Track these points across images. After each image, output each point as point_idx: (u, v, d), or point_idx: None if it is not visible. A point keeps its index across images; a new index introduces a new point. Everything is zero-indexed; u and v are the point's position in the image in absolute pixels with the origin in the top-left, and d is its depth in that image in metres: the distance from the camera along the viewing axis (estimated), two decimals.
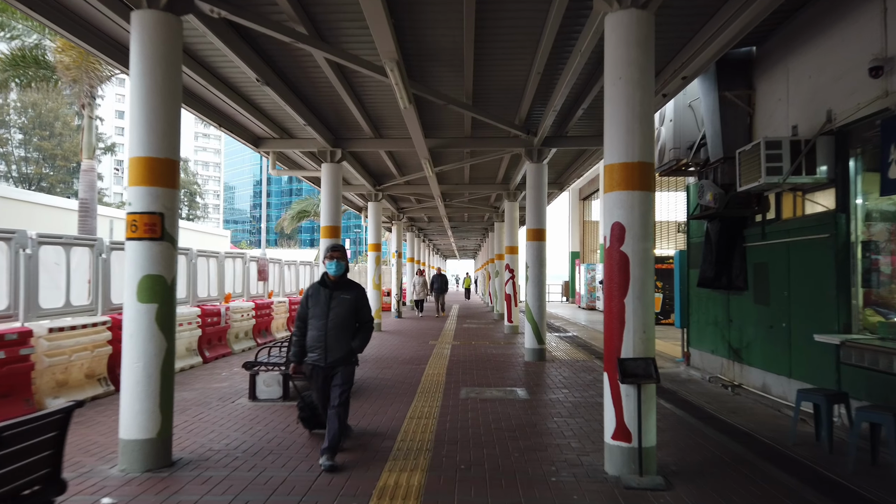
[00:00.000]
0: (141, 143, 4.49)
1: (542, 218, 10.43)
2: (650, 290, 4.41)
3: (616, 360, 4.35)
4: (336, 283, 4.57)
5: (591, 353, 11.62)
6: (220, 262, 11.04)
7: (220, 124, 9.18)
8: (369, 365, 9.58)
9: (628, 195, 4.40)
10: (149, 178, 4.49)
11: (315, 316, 4.52)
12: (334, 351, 4.49)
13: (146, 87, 4.52)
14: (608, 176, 4.54)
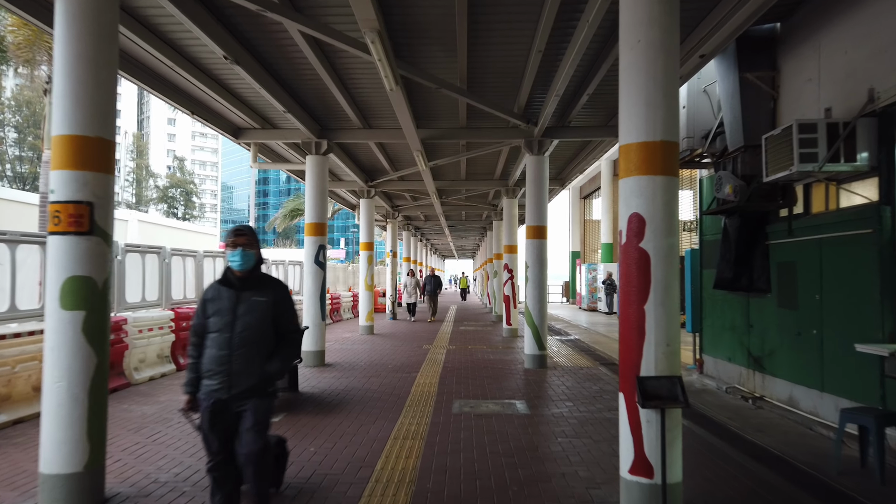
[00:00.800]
0: (66, 118, 3.76)
1: (543, 214, 9.71)
2: (675, 295, 3.68)
3: (634, 379, 3.62)
4: (245, 280, 3.20)
5: (596, 358, 10.88)
6: (198, 261, 10.30)
7: (192, 112, 8.44)
8: (356, 373, 8.85)
9: (649, 181, 3.68)
10: (75, 160, 3.75)
11: (215, 328, 3.14)
12: (242, 377, 3.09)
13: (73, 52, 3.78)
14: (624, 159, 3.81)
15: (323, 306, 9.67)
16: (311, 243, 9.64)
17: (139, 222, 14.53)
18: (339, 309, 19.41)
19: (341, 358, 10.52)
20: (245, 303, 3.15)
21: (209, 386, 3.12)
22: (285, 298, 3.30)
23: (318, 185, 9.71)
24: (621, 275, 3.84)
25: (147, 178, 75.33)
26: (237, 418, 3.13)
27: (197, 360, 3.20)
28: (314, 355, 9.56)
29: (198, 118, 8.67)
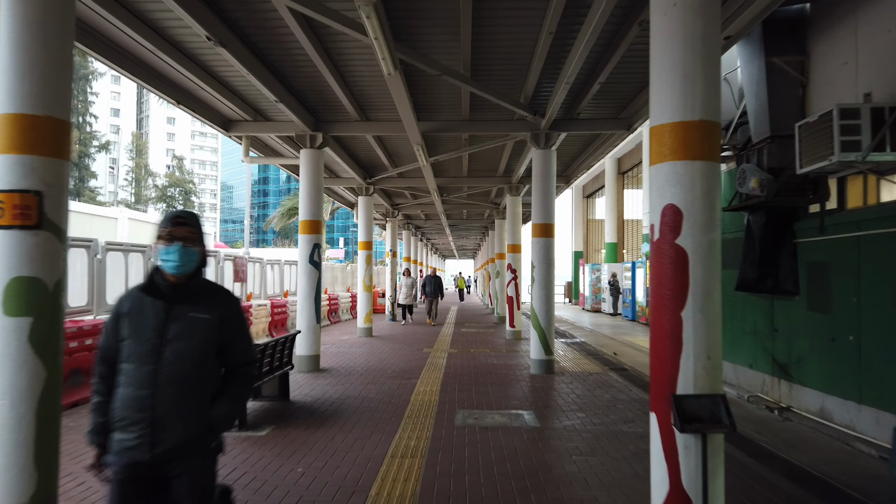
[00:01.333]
0: (10, 94, 3.25)
1: (551, 211, 9.19)
2: (716, 300, 3.18)
3: (669, 398, 3.11)
4: (180, 288, 2.21)
5: (604, 363, 10.36)
6: None
7: (178, 101, 7.93)
8: (352, 379, 8.33)
9: (687, 168, 3.17)
10: (20, 142, 3.24)
11: (132, 356, 2.15)
12: (171, 429, 2.13)
13: (18, 16, 3.27)
14: (657, 142, 3.30)
15: (318, 308, 9.16)
16: (306, 242, 9.13)
17: (129, 220, 14.05)
18: (337, 310, 18.91)
19: (337, 362, 10.00)
20: (179, 321, 2.14)
21: (123, 442, 2.11)
22: (236, 316, 2.31)
23: (312, 180, 9.19)
24: (653, 276, 3.33)
25: (146, 178, 74.89)
26: (164, 489, 2.16)
27: (104, 399, 2.20)
28: (308, 360, 9.05)
29: (184, 108, 8.16)
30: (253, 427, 5.69)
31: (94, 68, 70.77)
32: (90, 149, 71.30)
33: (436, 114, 9.22)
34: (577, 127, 9.23)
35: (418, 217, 24.24)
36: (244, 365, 2.33)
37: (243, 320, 2.37)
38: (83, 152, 69.49)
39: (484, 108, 8.93)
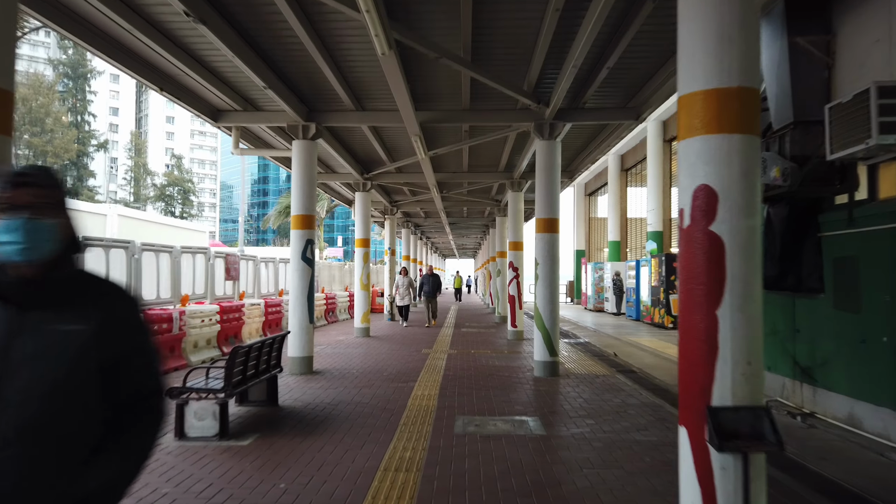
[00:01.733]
0: None
1: (555, 206, 8.75)
2: (757, 296, 2.75)
3: (703, 410, 2.67)
4: (34, 286, 1.33)
5: (610, 364, 9.92)
6: (174, 258, 9.36)
7: (161, 88, 7.50)
8: (346, 383, 7.89)
9: (722, 142, 2.73)
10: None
11: None
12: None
13: None
14: (686, 113, 2.86)
15: (311, 307, 8.72)
16: (298, 237, 8.69)
17: (119, 217, 13.64)
18: (334, 309, 18.48)
19: (332, 364, 9.57)
20: (34, 335, 1.30)
21: None
22: (129, 325, 1.43)
23: (305, 173, 8.75)
24: (682, 268, 2.89)
25: (144, 177, 74.62)
26: None
27: None
28: (300, 362, 8.61)
29: (168, 95, 7.72)
30: (235, 436, 5.25)
31: (92, 66, 70.44)
32: (88, 148, 71.03)
33: (434, 103, 8.79)
34: (583, 117, 8.79)
35: (417, 215, 23.81)
36: (144, 399, 1.43)
37: (142, 330, 1.45)
38: (81, 151, 69.21)
39: (485, 97, 8.50)
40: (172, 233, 16.95)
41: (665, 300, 16.41)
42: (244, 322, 11.60)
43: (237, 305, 11.32)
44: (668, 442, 5.19)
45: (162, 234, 16.35)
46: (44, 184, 1.36)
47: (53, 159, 65.33)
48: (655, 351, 11.69)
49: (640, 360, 10.60)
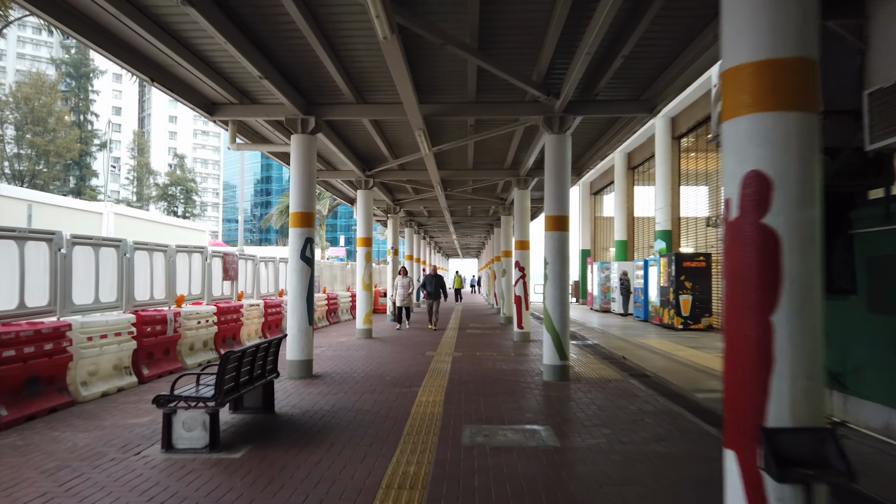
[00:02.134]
0: None
1: (565, 202, 8.37)
2: (817, 299, 2.37)
3: (755, 432, 2.29)
4: None
5: (622, 368, 9.54)
6: (168, 257, 9.00)
7: (153, 79, 7.14)
8: (347, 388, 7.53)
9: (778, 121, 2.35)
10: None
11: None
12: None
13: None
14: (733, 89, 2.49)
15: (310, 308, 8.36)
16: (297, 236, 8.33)
17: (116, 216, 13.29)
18: (336, 310, 18.14)
19: (333, 367, 9.21)
20: None
21: None
22: None
23: (304, 168, 8.39)
24: (728, 268, 2.52)
25: (146, 176, 74.57)
26: None
27: None
28: (299, 365, 8.25)
29: (160, 87, 7.37)
30: (227, 447, 4.90)
31: (95, 66, 70.27)
32: (91, 147, 70.96)
33: (439, 95, 8.42)
34: (594, 109, 8.41)
35: (421, 214, 23.45)
36: None
37: None
38: (84, 151, 69.13)
39: (492, 88, 8.13)
40: (172, 232, 16.60)
41: (675, 301, 16.01)
42: (242, 323, 11.25)
43: (235, 306, 10.97)
44: (694, 455, 4.81)
45: (161, 233, 16.03)
46: None
47: (56, 159, 65.35)
48: (667, 353, 11.30)
49: (653, 364, 10.22)
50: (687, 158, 18.50)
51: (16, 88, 65.33)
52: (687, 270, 15.95)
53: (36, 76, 65.70)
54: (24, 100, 63.47)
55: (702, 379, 8.86)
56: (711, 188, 17.29)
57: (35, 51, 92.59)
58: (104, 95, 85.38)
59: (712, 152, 16.72)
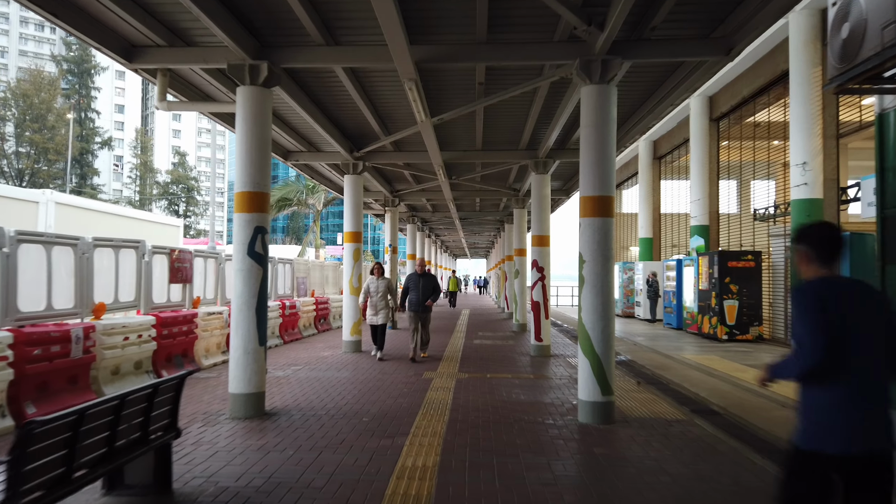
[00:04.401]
0: None
1: (609, 177, 6.10)
2: None
3: None
4: None
5: (677, 398, 7.27)
6: (80, 253, 6.83)
7: (55, 14, 4.98)
8: (303, 438, 5.32)
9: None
10: None
11: None
12: None
13: None
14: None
15: (262, 322, 6.18)
16: (243, 224, 6.14)
17: (57, 205, 11.14)
18: (326, 315, 15.96)
19: (299, 397, 7.02)
20: None
21: None
22: None
23: (253, 131, 6.19)
24: None
25: (147, 175, 73.15)
26: None
27: None
28: (244, 401, 6.05)
29: (63, 25, 5.23)
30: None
31: (96, 62, 68.75)
32: (92, 145, 69.47)
33: (437, 32, 6.21)
34: (649, 52, 6.15)
35: (424, 208, 21.25)
36: None
37: None
38: (85, 149, 67.67)
39: (510, 22, 5.92)
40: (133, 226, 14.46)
41: (718, 306, 13.68)
42: (197, 336, 9.09)
43: (187, 315, 8.81)
44: None
45: (118, 227, 13.88)
46: None
47: (55, 157, 63.98)
48: (728, 377, 9.00)
49: (715, 392, 7.92)
50: (728, 143, 16.14)
51: (15, 85, 64.04)
52: (733, 271, 13.61)
53: (34, 72, 64.31)
54: (23, 96, 62.12)
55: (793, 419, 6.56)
56: (759, 175, 14.93)
57: (37, 48, 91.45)
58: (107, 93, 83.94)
59: (763, 135, 14.37)
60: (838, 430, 2.23)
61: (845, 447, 2.21)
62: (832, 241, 2.45)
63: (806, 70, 11.05)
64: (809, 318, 2.29)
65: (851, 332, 2.27)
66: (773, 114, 13.75)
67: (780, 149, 13.76)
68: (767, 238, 13.94)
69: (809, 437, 2.32)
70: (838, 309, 2.29)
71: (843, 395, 2.25)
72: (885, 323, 2.32)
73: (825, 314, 2.27)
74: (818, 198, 11.00)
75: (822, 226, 2.52)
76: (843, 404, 2.25)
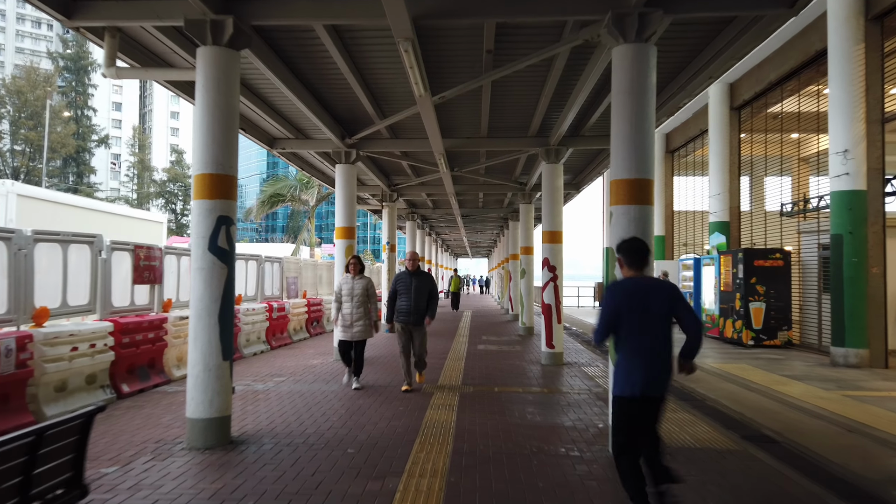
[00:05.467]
0: None
1: (647, 155, 5.03)
2: None
3: None
4: None
5: (717, 419, 6.19)
6: (14, 249, 5.77)
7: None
8: (268, 481, 4.25)
9: None
10: None
11: None
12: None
13: None
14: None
15: (226, 332, 5.12)
16: (204, 213, 5.07)
17: (20, 197, 10.05)
18: (319, 318, 14.90)
19: (275, 418, 5.96)
20: None
21: None
22: None
23: (216, 102, 5.12)
24: None
25: (144, 173, 72.29)
26: None
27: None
28: (204, 429, 4.98)
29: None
30: None
31: (93, 59, 67.70)
32: (89, 143, 68.50)
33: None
34: (695, 3, 5.07)
35: (425, 205, 20.19)
36: None
37: None
38: (81, 147, 66.69)
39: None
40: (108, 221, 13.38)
41: (743, 309, 12.60)
42: (167, 344, 8.03)
43: (154, 321, 7.75)
44: None
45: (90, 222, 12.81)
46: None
47: (50, 154, 63.10)
48: (767, 389, 7.93)
49: (761, 411, 6.82)
50: (751, 133, 15.03)
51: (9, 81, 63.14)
52: (759, 271, 12.52)
53: (29, 68, 63.36)
54: (17, 93, 61.20)
55: (874, 450, 5.47)
56: (787, 167, 13.83)
57: (34, 45, 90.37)
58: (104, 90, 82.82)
59: (792, 123, 13.26)
60: (633, 380, 3.29)
61: (637, 391, 3.28)
62: (639, 251, 3.54)
63: (847, 48, 9.95)
64: (604, 306, 3.37)
65: (639, 315, 3.29)
66: (803, 99, 12.64)
67: (812, 138, 12.66)
68: (798, 235, 12.84)
69: (620, 385, 3.35)
70: (630, 300, 3.32)
71: (632, 357, 3.30)
72: (669, 308, 3.31)
73: (615, 305, 3.33)
74: (861, 189, 9.91)
75: (633, 240, 3.65)
76: (634, 364, 3.29)
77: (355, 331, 7.41)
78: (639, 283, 3.44)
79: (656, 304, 3.32)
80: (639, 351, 3.29)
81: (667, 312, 3.31)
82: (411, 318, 7.29)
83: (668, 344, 3.31)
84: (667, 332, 3.32)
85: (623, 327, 3.32)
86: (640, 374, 3.27)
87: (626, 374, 3.31)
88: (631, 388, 3.30)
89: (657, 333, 3.29)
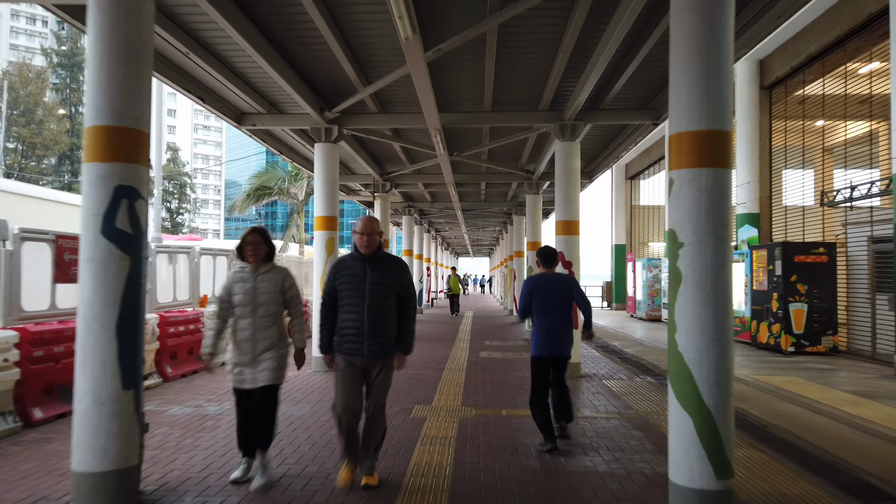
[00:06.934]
0: None
1: (725, 100, 3.56)
2: None
3: None
4: None
5: (794, 455, 4.71)
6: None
7: None
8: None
9: None
10: None
11: None
12: None
13: None
14: None
15: (128, 349, 3.66)
16: (97, 182, 3.63)
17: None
18: (305, 321, 13.39)
19: (215, 457, 4.50)
20: None
21: None
22: None
23: (113, 24, 3.66)
24: None
25: None
26: None
27: None
28: (96, 487, 3.51)
29: None
30: None
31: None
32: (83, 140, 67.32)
33: None
34: None
35: (422, 198, 18.73)
36: None
37: None
38: (75, 144, 65.36)
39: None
40: (49, 209, 11.91)
41: (782, 311, 11.11)
42: None
43: (68, 329, 6.25)
44: None
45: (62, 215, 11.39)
46: None
47: (42, 152, 61.85)
48: (838, 412, 6.44)
49: (847, 447, 5.33)
50: (785, 114, 13.52)
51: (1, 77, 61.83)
52: (800, 267, 11.04)
53: (21, 65, 62.06)
54: (9, 89, 59.84)
55: None
56: (832, 152, 12.33)
57: (29, 41, 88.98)
58: None
59: (838, 101, 11.75)
60: (541, 345, 4.73)
61: (544, 353, 4.73)
62: (550, 255, 4.97)
63: None
64: (523, 292, 4.82)
65: (545, 299, 4.74)
66: (850, 73, 11.15)
67: (864, 115, 11.16)
68: (844, 227, 11.35)
69: (533, 349, 4.78)
70: (539, 288, 4.77)
71: (541, 329, 4.72)
72: (566, 294, 4.80)
73: (530, 291, 4.78)
74: None
75: (546, 247, 5.10)
76: (542, 334, 4.72)
77: (260, 369, 3.96)
78: (547, 276, 4.90)
79: (559, 292, 4.82)
80: (545, 324, 4.75)
81: (566, 297, 4.80)
82: (365, 344, 3.81)
83: (567, 319, 4.78)
84: (566, 311, 4.78)
85: (536, 307, 4.77)
86: (545, 339, 4.74)
87: (537, 340, 4.76)
88: (539, 350, 4.75)
89: (559, 312, 4.76)
